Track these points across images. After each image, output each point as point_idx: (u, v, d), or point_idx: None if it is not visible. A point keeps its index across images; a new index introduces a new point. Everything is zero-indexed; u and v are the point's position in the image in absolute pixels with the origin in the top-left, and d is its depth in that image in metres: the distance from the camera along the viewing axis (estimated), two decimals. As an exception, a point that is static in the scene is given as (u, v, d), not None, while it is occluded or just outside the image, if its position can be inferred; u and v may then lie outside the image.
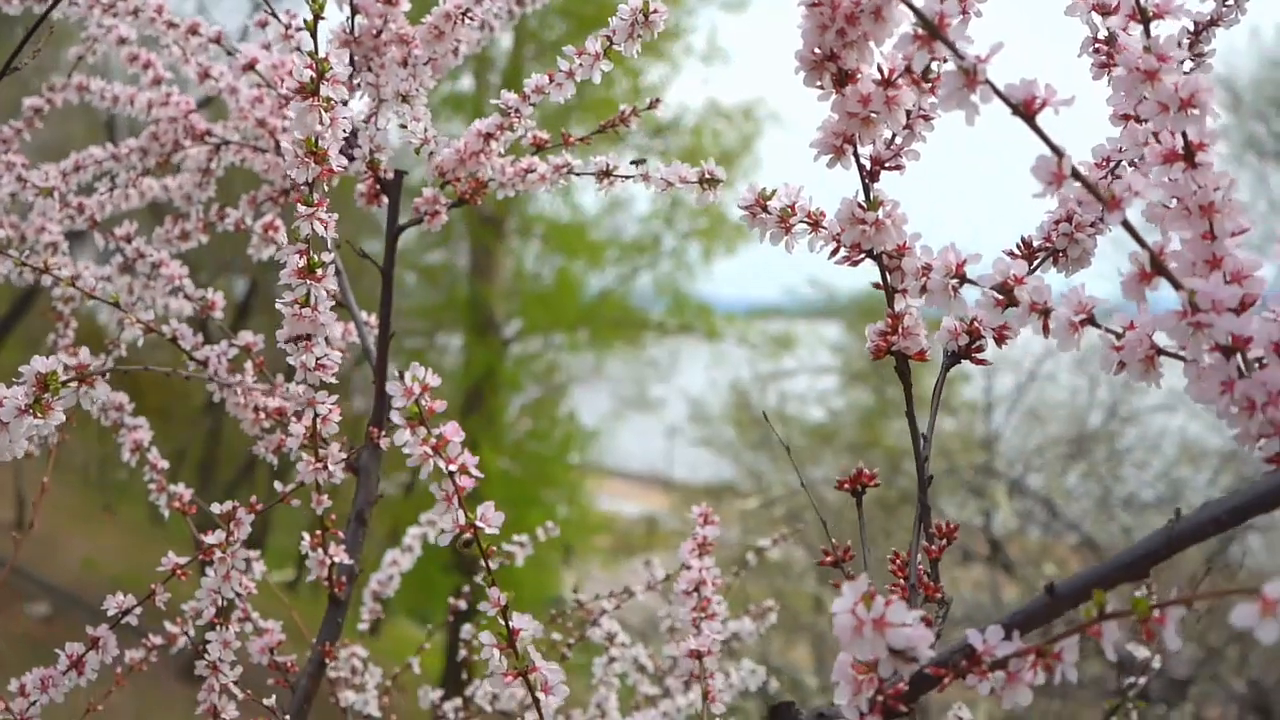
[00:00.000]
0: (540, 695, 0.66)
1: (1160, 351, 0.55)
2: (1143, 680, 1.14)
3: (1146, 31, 0.56)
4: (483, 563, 0.66)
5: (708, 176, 0.87)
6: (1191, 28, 0.74)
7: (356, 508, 1.04)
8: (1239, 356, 0.53)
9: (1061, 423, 7.48)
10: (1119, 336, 0.56)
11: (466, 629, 1.34)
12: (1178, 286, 0.52)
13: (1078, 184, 0.51)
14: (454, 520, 0.65)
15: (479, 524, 0.65)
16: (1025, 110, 0.52)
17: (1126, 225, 0.52)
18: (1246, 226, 0.55)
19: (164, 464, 1.11)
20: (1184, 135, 0.55)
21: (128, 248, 1.15)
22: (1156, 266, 0.53)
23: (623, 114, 1.04)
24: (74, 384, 0.69)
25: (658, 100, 1.03)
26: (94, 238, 1.25)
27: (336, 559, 0.99)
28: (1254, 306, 0.55)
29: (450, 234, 11.48)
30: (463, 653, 1.33)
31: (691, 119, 10.99)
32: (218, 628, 0.95)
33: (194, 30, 1.11)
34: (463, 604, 1.51)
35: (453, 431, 0.64)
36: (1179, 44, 0.74)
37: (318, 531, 0.98)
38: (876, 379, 9.87)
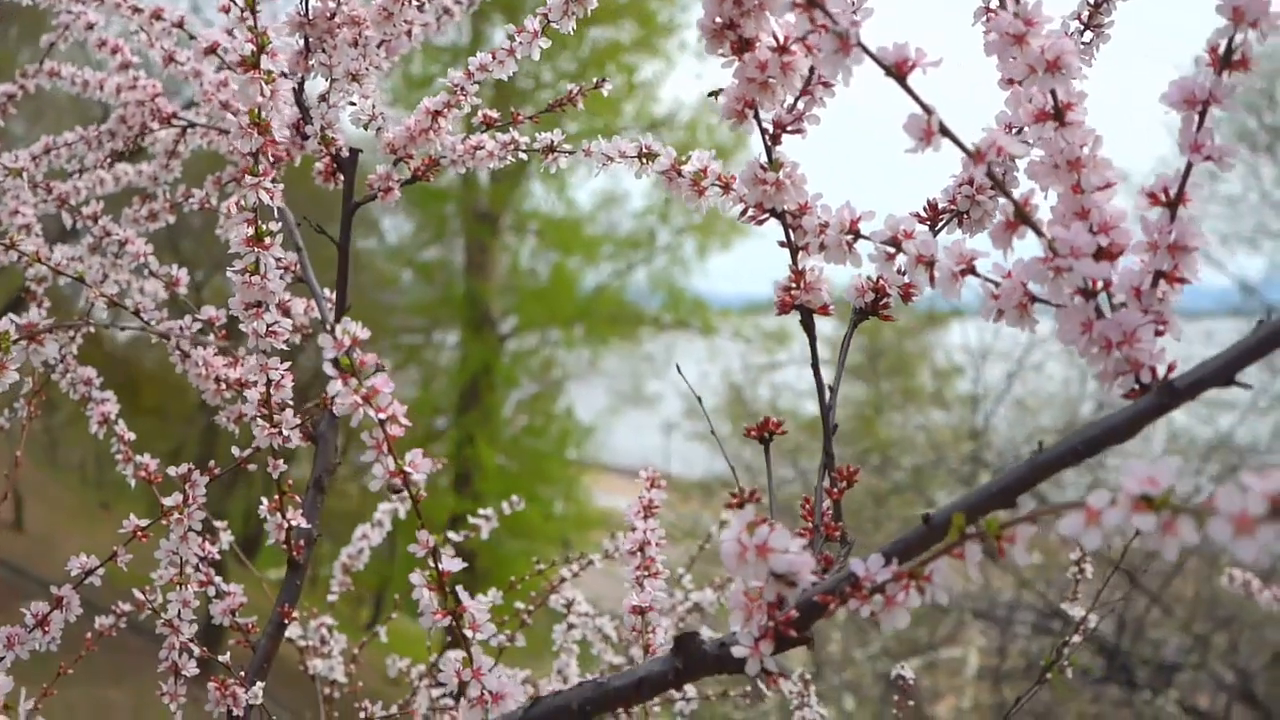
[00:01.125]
0: (468, 633, 0.70)
1: (1034, 299, 0.59)
2: (1077, 639, 1.17)
3: (1016, -2, 0.59)
4: (413, 508, 0.70)
5: (645, 152, 0.91)
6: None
7: (315, 475, 1.07)
8: (1099, 299, 0.56)
9: (1056, 411, 7.52)
10: (998, 286, 0.60)
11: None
12: (1040, 234, 0.56)
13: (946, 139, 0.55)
14: (384, 467, 0.68)
15: (407, 469, 0.68)
16: (897, 72, 0.55)
17: (991, 176, 0.56)
18: (1114, 180, 0.59)
19: (131, 435, 1.15)
20: (1053, 95, 0.58)
21: (94, 226, 1.18)
22: (1020, 216, 0.56)
23: (570, 94, 1.08)
24: (23, 342, 0.73)
25: (603, 80, 1.07)
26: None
27: (294, 523, 1.02)
28: (1120, 255, 0.59)
29: (445, 231, 11.53)
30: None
31: (686, 114, 11.02)
32: (177, 587, 0.99)
33: (157, 15, 1.15)
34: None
35: (383, 383, 0.68)
36: (1078, 15, 0.78)
37: (275, 496, 1.01)
38: (871, 374, 9.91)
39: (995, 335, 8.72)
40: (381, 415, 0.67)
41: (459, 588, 0.70)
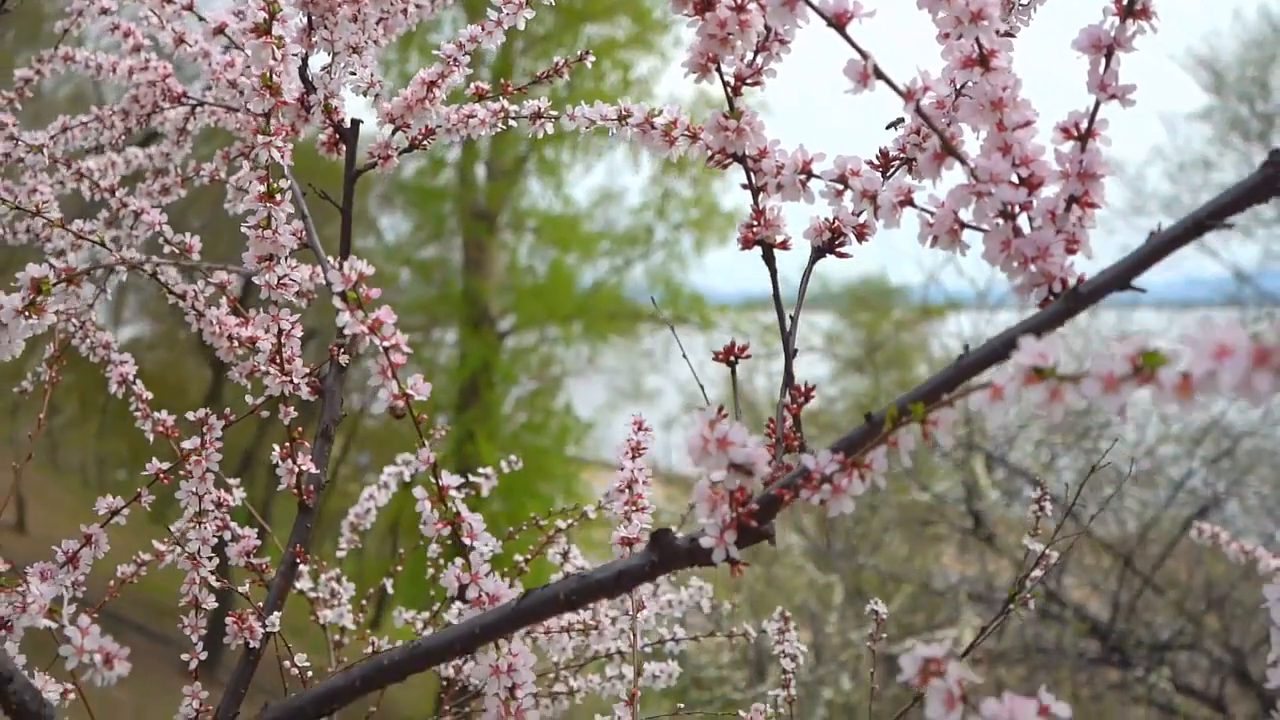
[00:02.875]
0: (467, 541, 0.77)
1: (963, 224, 0.67)
2: (1039, 573, 1.25)
3: (943, -43, 0.67)
4: (416, 430, 0.78)
5: (624, 114, 0.98)
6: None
7: (322, 425, 1.15)
8: (1017, 221, 0.64)
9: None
10: (933, 215, 0.68)
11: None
12: (964, 163, 0.63)
13: (881, 81, 0.62)
14: (389, 391, 0.76)
15: (410, 392, 0.76)
16: (837, 22, 0.63)
17: (919, 113, 0.63)
18: (1032, 119, 0.66)
19: (149, 395, 1.22)
20: (978, 43, 0.66)
21: (111, 199, 1.26)
22: (946, 148, 0.64)
23: (556, 66, 1.15)
24: (63, 285, 0.80)
25: (587, 53, 1.14)
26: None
27: (304, 469, 1.10)
28: (1040, 186, 0.66)
29: (443, 230, 11.61)
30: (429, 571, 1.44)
31: (691, 101, 11.09)
32: (197, 526, 1.06)
33: (168, -1, 1.22)
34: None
35: (386, 314, 0.75)
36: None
37: (286, 443, 1.09)
38: (869, 366, 9.98)
39: (988, 324, 8.80)
40: (386, 344, 0.75)
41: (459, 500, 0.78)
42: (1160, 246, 0.58)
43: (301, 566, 1.32)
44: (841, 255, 0.80)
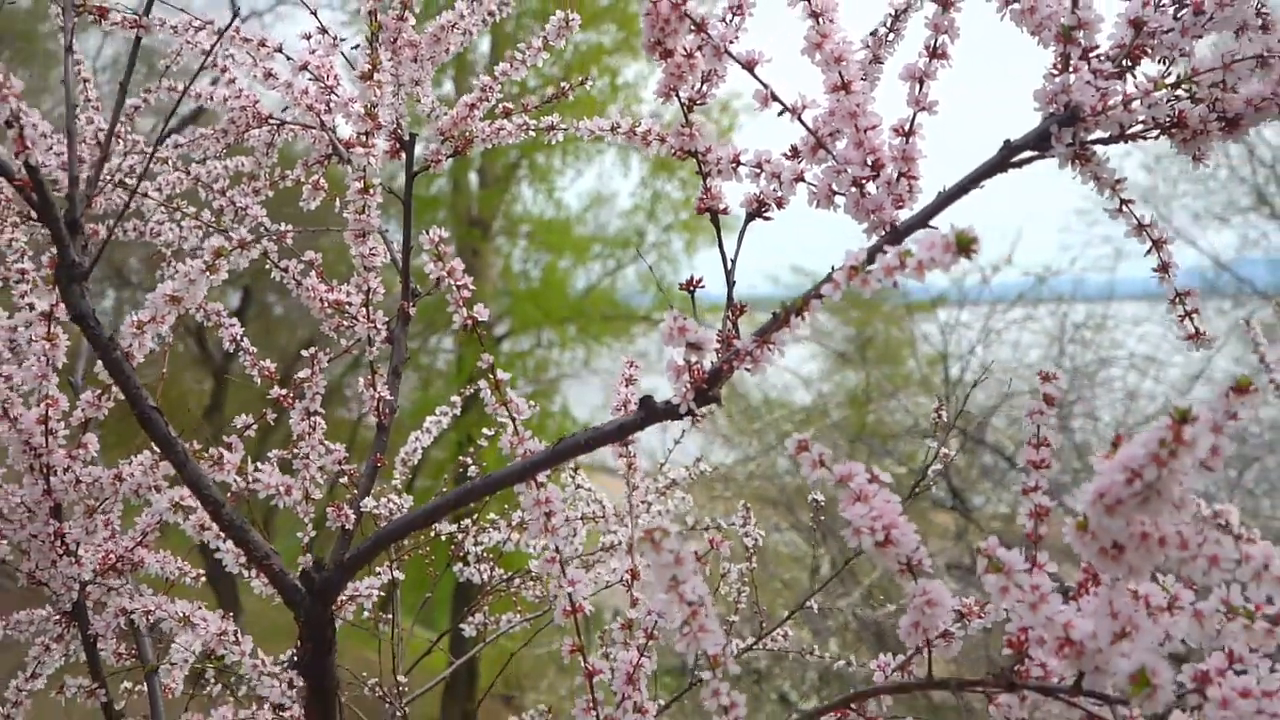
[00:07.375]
0: (515, 416, 1.15)
1: (834, 191, 1.04)
2: (938, 466, 1.61)
3: (815, 17, 1.04)
4: (480, 343, 1.15)
5: (615, 125, 1.36)
6: (892, 11, 1.22)
7: (392, 365, 1.52)
8: (866, 188, 1.01)
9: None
10: (815, 187, 1.05)
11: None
12: (829, 152, 1.00)
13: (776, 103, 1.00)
14: (460, 315, 1.13)
15: (475, 315, 1.13)
16: (748, 65, 1.00)
17: (800, 121, 1.00)
18: (876, 123, 1.03)
19: (253, 350, 1.59)
20: (840, 75, 1.03)
21: (220, 199, 1.63)
22: (818, 143, 1.01)
23: (562, 89, 1.53)
24: (236, 250, 1.17)
25: (587, 78, 1.51)
26: None
27: (382, 395, 1.47)
28: (884, 167, 1.03)
29: (439, 237, 11.96)
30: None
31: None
32: (308, 437, 1.43)
33: (263, 43, 1.59)
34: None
35: (458, 263, 1.12)
36: (884, 22, 1.22)
37: (369, 375, 1.46)
38: (861, 361, 10.33)
39: (972, 315, 9.21)
40: (459, 283, 1.12)
41: (508, 388, 1.15)
42: (942, 201, 0.96)
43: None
44: (766, 219, 1.17)
